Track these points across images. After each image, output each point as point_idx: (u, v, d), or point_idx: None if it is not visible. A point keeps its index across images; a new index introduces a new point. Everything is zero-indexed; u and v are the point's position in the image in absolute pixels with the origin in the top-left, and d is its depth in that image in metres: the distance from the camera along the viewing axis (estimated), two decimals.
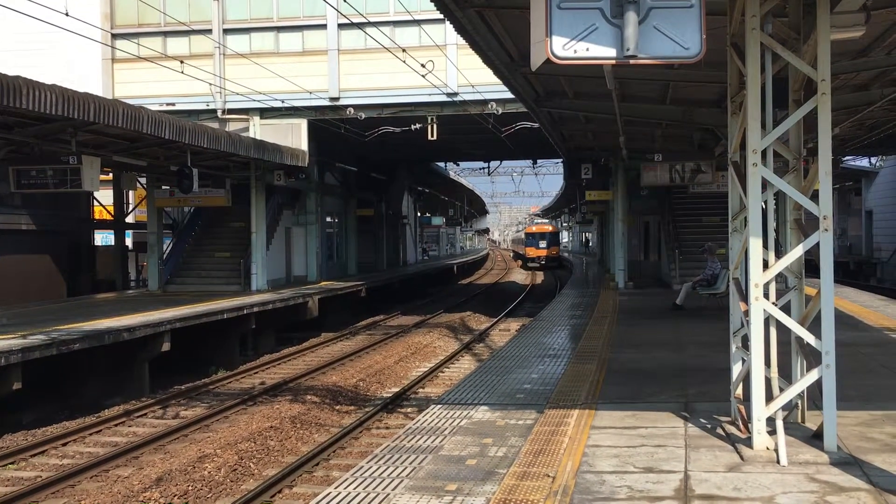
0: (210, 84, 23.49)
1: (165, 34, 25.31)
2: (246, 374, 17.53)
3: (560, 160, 40.14)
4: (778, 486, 5.68)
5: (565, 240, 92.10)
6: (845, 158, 33.16)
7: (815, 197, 6.42)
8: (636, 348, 12.49)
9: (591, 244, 72.58)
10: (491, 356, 12.48)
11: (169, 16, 23.42)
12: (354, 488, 6.10)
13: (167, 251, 26.31)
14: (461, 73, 22.27)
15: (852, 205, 41.11)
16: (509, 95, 16.54)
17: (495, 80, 13.97)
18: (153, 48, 23.59)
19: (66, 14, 13.88)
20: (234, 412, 13.62)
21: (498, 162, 47.32)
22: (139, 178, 25.09)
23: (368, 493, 5.94)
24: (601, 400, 8.68)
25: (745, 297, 6.64)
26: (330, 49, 24.69)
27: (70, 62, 26.22)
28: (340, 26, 24.31)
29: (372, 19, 20.95)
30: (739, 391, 7.23)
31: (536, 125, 20.65)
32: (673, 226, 26.55)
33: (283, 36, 25.16)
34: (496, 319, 26.13)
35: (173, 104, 24.43)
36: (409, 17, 21.15)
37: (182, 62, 20.30)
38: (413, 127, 24.85)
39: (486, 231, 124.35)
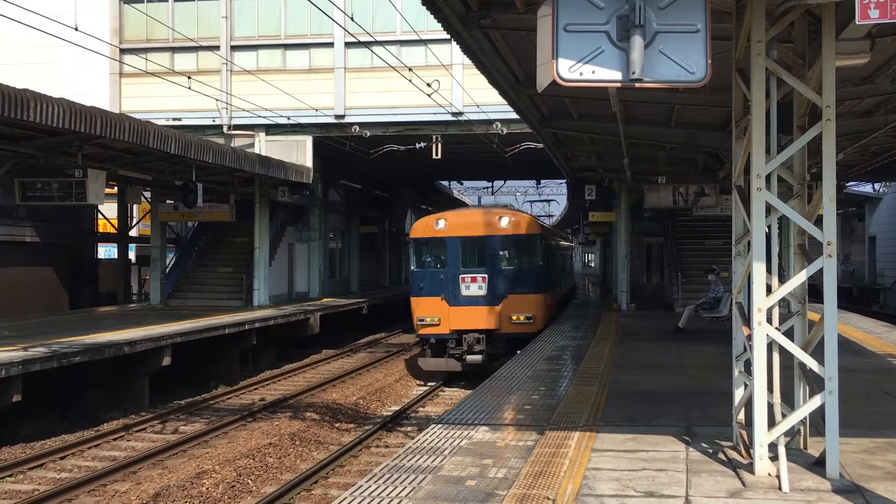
0: (216, 100, 23.60)
1: (173, 50, 25.48)
2: (246, 390, 17.49)
3: (564, 181, 40.21)
4: None
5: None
6: (849, 184, 33.17)
7: (818, 222, 6.41)
8: (638, 371, 12.44)
9: (593, 265, 72.01)
10: (492, 376, 12.43)
11: (177, 32, 23.58)
12: None
13: (170, 265, 26.34)
14: (466, 92, 22.35)
15: (856, 230, 41.05)
16: (514, 116, 16.60)
17: (500, 100, 14.01)
18: (161, 63, 23.72)
19: (76, 29, 13.98)
20: (234, 428, 13.57)
21: (502, 181, 47.45)
22: (143, 192, 25.19)
23: None
24: (602, 422, 8.63)
25: (748, 322, 6.62)
26: (336, 67, 24.81)
27: (78, 76, 26.36)
28: (347, 45, 24.47)
29: (379, 38, 21.05)
30: (742, 416, 7.19)
31: (541, 146, 20.69)
32: (675, 248, 26.52)
33: (290, 53, 25.32)
34: None
35: (180, 119, 24.55)
36: (415, 37, 21.25)
37: (189, 78, 20.40)
38: (418, 145, 24.92)
39: None
